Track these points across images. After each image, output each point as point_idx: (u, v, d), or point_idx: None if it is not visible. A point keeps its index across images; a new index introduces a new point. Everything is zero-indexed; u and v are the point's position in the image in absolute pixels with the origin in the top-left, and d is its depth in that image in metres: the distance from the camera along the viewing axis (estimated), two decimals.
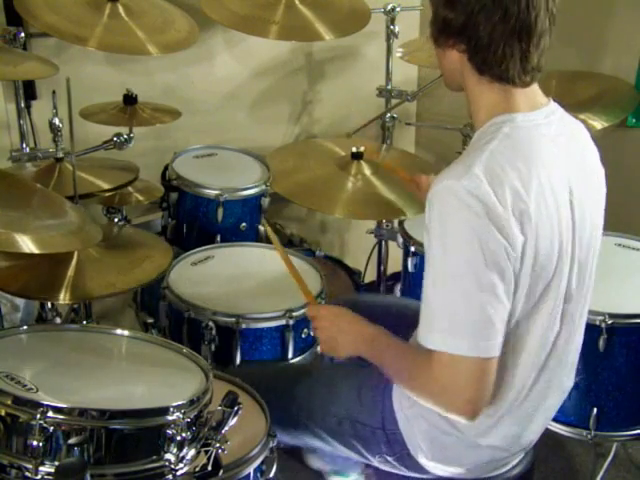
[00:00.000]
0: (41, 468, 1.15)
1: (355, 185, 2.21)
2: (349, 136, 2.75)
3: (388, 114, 2.75)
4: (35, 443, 1.13)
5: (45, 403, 1.15)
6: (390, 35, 2.63)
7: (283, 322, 1.87)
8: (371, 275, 2.89)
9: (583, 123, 1.47)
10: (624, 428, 1.93)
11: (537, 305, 1.34)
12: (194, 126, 2.58)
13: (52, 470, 1.15)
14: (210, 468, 1.25)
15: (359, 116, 2.85)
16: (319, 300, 1.92)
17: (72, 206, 1.71)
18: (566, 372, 1.50)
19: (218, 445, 1.25)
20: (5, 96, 2.21)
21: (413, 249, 2.22)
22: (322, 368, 1.81)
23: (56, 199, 1.72)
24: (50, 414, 1.14)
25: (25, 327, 1.47)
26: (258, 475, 1.40)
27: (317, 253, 2.50)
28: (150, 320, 2.27)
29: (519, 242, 1.25)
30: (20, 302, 2.08)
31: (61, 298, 1.63)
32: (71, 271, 1.68)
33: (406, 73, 2.96)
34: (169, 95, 2.49)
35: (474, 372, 1.27)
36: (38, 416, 1.13)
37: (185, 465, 1.23)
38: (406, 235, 2.27)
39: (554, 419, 1.67)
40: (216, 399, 1.29)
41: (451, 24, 1.30)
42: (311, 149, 2.50)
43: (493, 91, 1.33)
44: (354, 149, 2.25)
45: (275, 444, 1.44)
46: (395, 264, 2.68)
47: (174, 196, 2.31)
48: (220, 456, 1.26)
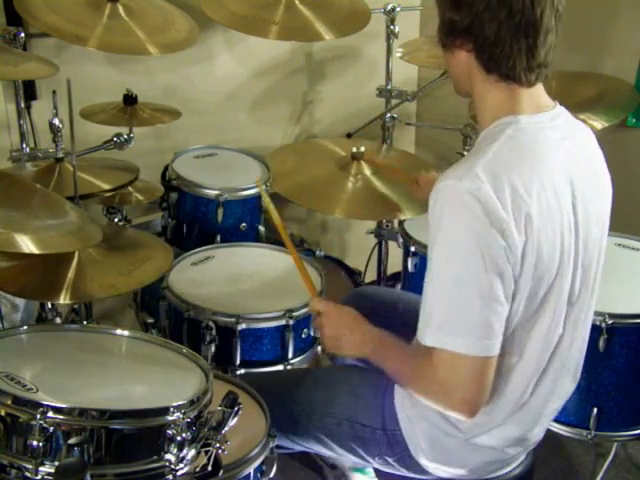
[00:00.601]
0: (41, 468, 1.15)
1: (355, 185, 2.20)
2: (349, 136, 2.75)
3: (388, 114, 2.74)
4: (35, 443, 1.13)
5: (45, 403, 1.15)
6: (390, 35, 2.62)
7: (283, 322, 1.87)
8: (371, 275, 2.89)
9: (583, 123, 1.47)
10: (624, 428, 1.93)
11: (540, 307, 1.34)
12: (194, 126, 2.58)
13: (52, 470, 1.15)
14: (210, 468, 1.25)
15: (359, 116, 2.85)
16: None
17: (72, 206, 1.71)
18: (570, 375, 1.50)
19: (218, 445, 1.25)
20: (5, 96, 2.21)
21: (413, 249, 2.22)
22: (321, 369, 1.80)
23: (56, 199, 1.72)
24: (50, 414, 1.14)
25: (25, 327, 1.47)
26: (258, 475, 1.40)
27: (317, 253, 2.49)
28: (150, 320, 2.26)
29: (519, 244, 1.25)
30: (20, 302, 2.08)
31: (61, 299, 1.63)
32: (71, 272, 1.68)
33: (406, 73, 2.96)
34: (169, 95, 2.49)
35: (472, 371, 1.28)
36: (38, 416, 1.13)
37: (185, 465, 1.23)
38: (406, 235, 2.27)
39: (554, 419, 1.67)
40: (216, 399, 1.29)
41: (457, 25, 1.31)
42: (311, 149, 2.49)
43: (499, 90, 1.33)
44: (354, 149, 2.25)
45: (275, 444, 1.44)
46: (395, 264, 2.68)
47: (174, 196, 2.30)
48: (220, 456, 1.26)
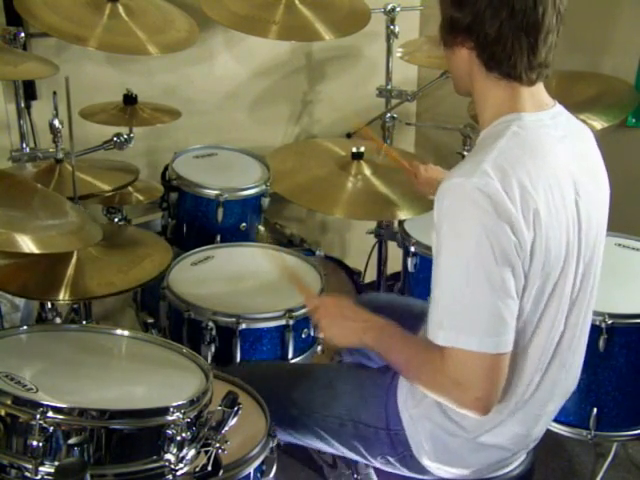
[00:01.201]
0: (41, 468, 1.15)
1: (355, 185, 2.20)
2: (349, 136, 2.75)
3: (388, 114, 2.75)
4: (35, 443, 1.13)
5: (45, 403, 1.15)
6: (390, 35, 2.63)
7: (283, 322, 1.86)
8: (371, 275, 2.89)
9: (583, 123, 1.48)
10: (624, 428, 1.93)
11: (546, 305, 1.34)
12: (194, 126, 2.58)
13: (52, 470, 1.15)
14: (210, 468, 1.25)
15: (359, 116, 2.85)
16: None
17: (72, 206, 1.71)
18: (570, 373, 1.50)
19: (218, 445, 1.25)
20: (5, 96, 2.21)
21: (413, 249, 2.22)
22: (323, 368, 1.80)
23: (56, 199, 1.72)
24: (50, 414, 1.14)
25: (25, 327, 1.47)
26: (258, 475, 1.40)
27: (317, 253, 2.49)
28: (150, 320, 2.26)
29: (528, 239, 1.25)
30: (20, 302, 2.08)
31: (61, 297, 1.63)
32: (71, 270, 1.68)
33: (406, 73, 2.96)
34: (169, 95, 2.49)
35: (485, 368, 1.27)
36: (38, 416, 1.13)
37: (185, 465, 1.23)
38: (406, 235, 2.27)
39: (554, 419, 1.67)
40: (216, 399, 1.28)
41: (459, 22, 1.31)
42: (311, 149, 2.49)
43: (500, 89, 1.33)
44: (354, 149, 2.25)
45: (275, 444, 1.44)
46: (395, 264, 2.68)
47: (174, 196, 2.30)
48: (220, 456, 1.26)
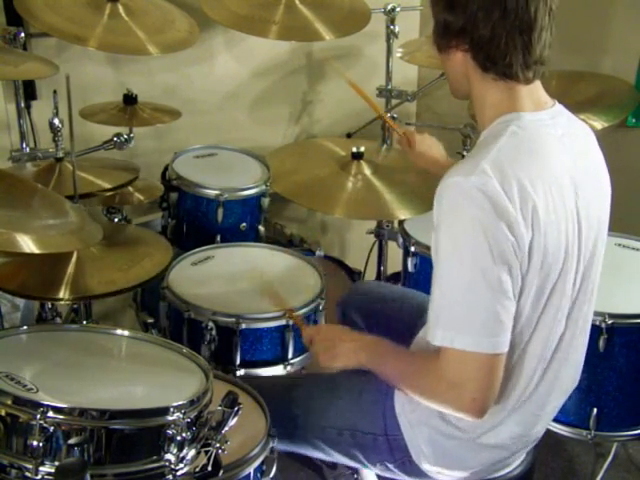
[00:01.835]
0: (41, 468, 1.15)
1: (355, 185, 2.21)
2: (349, 136, 2.75)
3: (388, 114, 2.74)
4: (35, 443, 1.13)
5: (45, 403, 1.15)
6: (390, 35, 2.63)
7: (283, 322, 1.86)
8: (371, 275, 2.89)
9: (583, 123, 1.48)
10: (624, 428, 1.93)
11: (545, 305, 1.34)
12: (194, 126, 2.58)
13: (52, 470, 1.15)
14: (210, 468, 1.25)
15: (359, 116, 2.85)
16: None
17: (72, 206, 1.71)
18: (570, 373, 1.50)
19: (218, 445, 1.25)
20: (5, 96, 2.21)
21: (413, 249, 2.22)
22: (318, 377, 1.79)
23: (56, 199, 1.72)
24: (50, 414, 1.14)
25: (25, 327, 1.47)
26: (258, 475, 1.40)
27: (317, 253, 2.49)
28: (150, 320, 2.26)
29: (527, 239, 1.25)
30: (20, 302, 2.08)
31: (61, 295, 1.63)
32: (71, 269, 1.69)
33: (406, 73, 2.96)
34: (169, 95, 2.49)
35: (481, 368, 1.27)
36: (38, 416, 1.13)
37: (185, 465, 1.23)
38: (406, 235, 2.27)
39: (554, 419, 1.67)
40: (216, 399, 1.29)
41: (452, 25, 1.31)
42: (311, 149, 2.50)
43: (498, 89, 1.33)
44: (354, 149, 2.25)
45: (275, 444, 1.44)
46: (395, 264, 2.68)
47: (174, 196, 2.30)
48: (220, 456, 1.26)
